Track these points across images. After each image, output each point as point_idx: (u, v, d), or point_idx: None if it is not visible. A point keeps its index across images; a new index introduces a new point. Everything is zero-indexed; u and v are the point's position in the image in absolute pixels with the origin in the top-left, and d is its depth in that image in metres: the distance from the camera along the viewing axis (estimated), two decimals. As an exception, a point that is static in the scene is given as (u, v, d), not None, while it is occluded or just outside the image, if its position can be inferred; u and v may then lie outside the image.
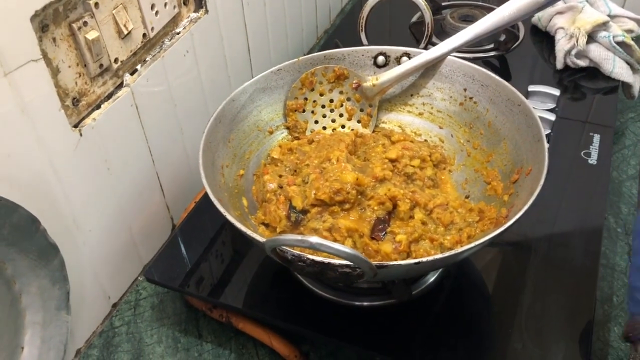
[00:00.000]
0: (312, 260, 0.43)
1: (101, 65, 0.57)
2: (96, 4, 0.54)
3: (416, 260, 0.43)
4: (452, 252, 0.44)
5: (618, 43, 0.83)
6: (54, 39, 0.51)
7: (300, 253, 0.44)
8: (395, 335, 0.55)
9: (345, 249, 0.40)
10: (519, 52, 0.93)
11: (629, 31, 0.88)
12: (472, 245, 0.45)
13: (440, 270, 0.59)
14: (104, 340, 0.63)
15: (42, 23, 0.49)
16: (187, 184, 0.74)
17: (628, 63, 0.84)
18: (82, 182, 0.57)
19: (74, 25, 0.52)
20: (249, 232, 0.46)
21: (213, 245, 0.66)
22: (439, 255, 0.44)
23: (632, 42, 0.84)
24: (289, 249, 0.44)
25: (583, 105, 0.83)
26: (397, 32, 1.01)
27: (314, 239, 0.40)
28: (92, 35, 0.54)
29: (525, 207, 0.47)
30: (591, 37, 0.85)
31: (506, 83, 0.61)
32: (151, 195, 0.69)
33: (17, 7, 0.46)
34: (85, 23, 0.53)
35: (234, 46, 0.79)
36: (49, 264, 0.53)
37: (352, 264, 0.42)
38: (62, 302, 0.55)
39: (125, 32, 0.58)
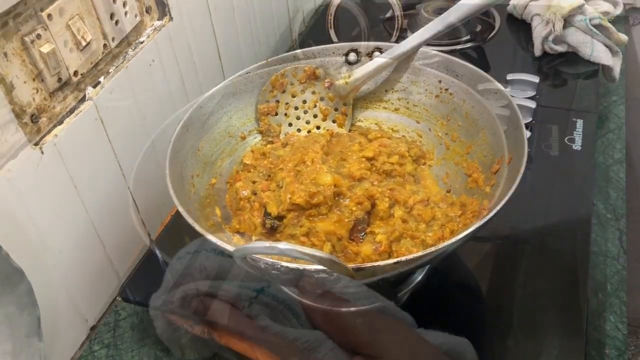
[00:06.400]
0: (287, 267, 0.41)
1: (60, 79, 0.54)
2: (49, 16, 0.52)
3: (394, 260, 0.41)
4: (432, 249, 0.42)
5: (595, 26, 0.82)
6: (5, 54, 0.48)
7: (274, 261, 0.41)
8: (383, 339, 0.53)
9: (318, 252, 0.38)
10: (496, 41, 0.91)
11: (605, 13, 0.86)
12: (453, 240, 0.42)
13: (427, 268, 0.57)
14: (82, 366, 0.61)
15: (-9, 38, 0.47)
16: (162, 198, 0.71)
17: (607, 46, 0.83)
18: (47, 202, 0.55)
19: (26, 39, 0.50)
20: (217, 241, 0.44)
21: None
22: (419, 253, 0.42)
23: (609, 24, 0.83)
24: (261, 257, 0.42)
25: (564, 91, 0.82)
26: (371, 30, 0.99)
27: (283, 245, 0.37)
28: (46, 48, 0.52)
29: (507, 197, 0.45)
30: (568, 22, 0.84)
31: (481, 71, 0.59)
32: (124, 211, 0.66)
33: (-40, 22, 0.44)
34: (38, 36, 0.51)
35: (204, 53, 0.77)
36: (14, 289, 0.50)
37: (327, 268, 0.40)
38: (33, 328, 0.52)
39: (84, 43, 0.56)
